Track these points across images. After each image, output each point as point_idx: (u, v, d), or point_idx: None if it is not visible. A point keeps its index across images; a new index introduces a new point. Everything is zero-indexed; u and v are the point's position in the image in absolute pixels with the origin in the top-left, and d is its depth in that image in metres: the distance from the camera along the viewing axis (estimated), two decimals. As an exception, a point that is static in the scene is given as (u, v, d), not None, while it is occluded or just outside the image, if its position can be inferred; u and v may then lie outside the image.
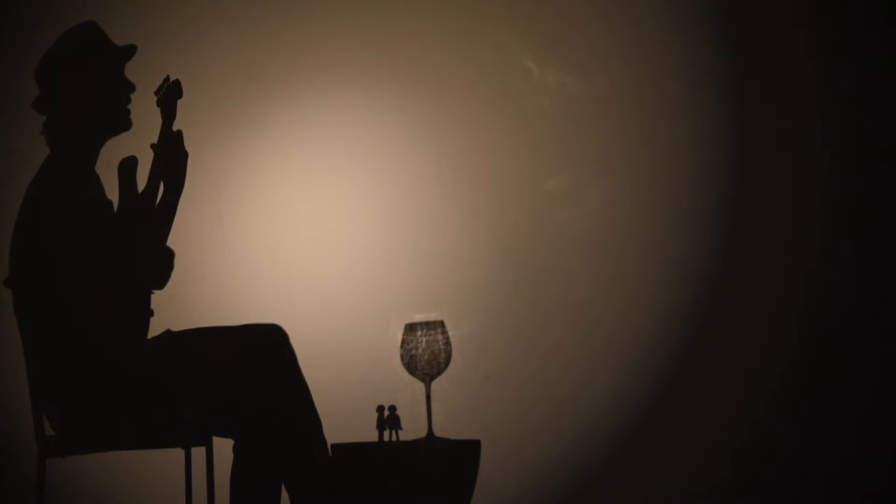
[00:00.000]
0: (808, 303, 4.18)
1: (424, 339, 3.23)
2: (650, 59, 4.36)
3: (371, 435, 3.21)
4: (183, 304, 3.31)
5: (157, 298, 2.96)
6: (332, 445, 2.95)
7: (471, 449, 3.17)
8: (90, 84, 2.91)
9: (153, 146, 3.00)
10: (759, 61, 4.32)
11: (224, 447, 2.88)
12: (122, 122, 2.96)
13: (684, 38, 4.35)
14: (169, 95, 3.01)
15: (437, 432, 3.18)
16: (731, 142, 4.32)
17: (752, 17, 4.32)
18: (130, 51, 2.99)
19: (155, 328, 2.92)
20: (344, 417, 3.20)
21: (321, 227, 4.39)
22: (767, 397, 4.13)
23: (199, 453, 2.90)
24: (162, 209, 2.97)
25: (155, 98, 3.04)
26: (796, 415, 4.11)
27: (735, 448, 4.11)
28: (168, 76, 3.02)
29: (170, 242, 2.98)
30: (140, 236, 2.91)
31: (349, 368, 4.15)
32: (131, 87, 2.98)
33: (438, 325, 3.25)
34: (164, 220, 2.97)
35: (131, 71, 3.00)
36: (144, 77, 3.03)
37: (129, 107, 2.97)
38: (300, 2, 4.46)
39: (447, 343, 3.25)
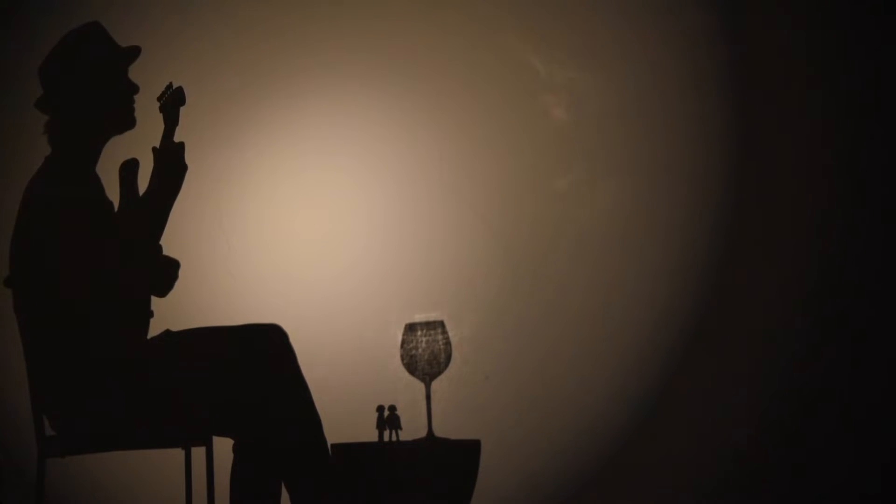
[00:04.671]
0: (809, 303, 4.18)
1: (424, 339, 3.23)
2: (652, 60, 4.36)
3: (371, 435, 3.21)
4: (183, 304, 3.30)
5: (157, 298, 2.96)
6: (332, 445, 2.95)
7: (471, 449, 3.17)
8: (93, 85, 2.91)
9: (154, 150, 2.99)
10: (759, 60, 4.32)
11: (224, 447, 2.88)
12: (124, 123, 2.96)
13: (685, 39, 4.35)
14: (171, 102, 3.00)
15: (437, 432, 3.18)
16: (732, 142, 4.32)
17: (753, 16, 4.32)
18: (134, 52, 2.98)
19: (155, 328, 2.92)
20: (344, 417, 3.20)
21: (321, 227, 4.39)
22: (768, 397, 4.13)
23: (199, 453, 2.90)
24: (155, 216, 2.95)
25: (158, 104, 3.02)
26: (797, 415, 4.11)
27: (735, 448, 4.11)
28: (171, 83, 3.01)
29: (170, 242, 2.98)
30: (140, 238, 2.91)
31: (349, 368, 4.15)
32: (135, 89, 2.97)
33: (438, 325, 3.25)
34: (157, 226, 2.95)
35: (132, 70, 2.99)
36: (144, 77, 3.03)
37: (133, 107, 2.96)
38: (300, 2, 4.46)
39: (447, 343, 3.24)
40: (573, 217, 4.36)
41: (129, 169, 2.96)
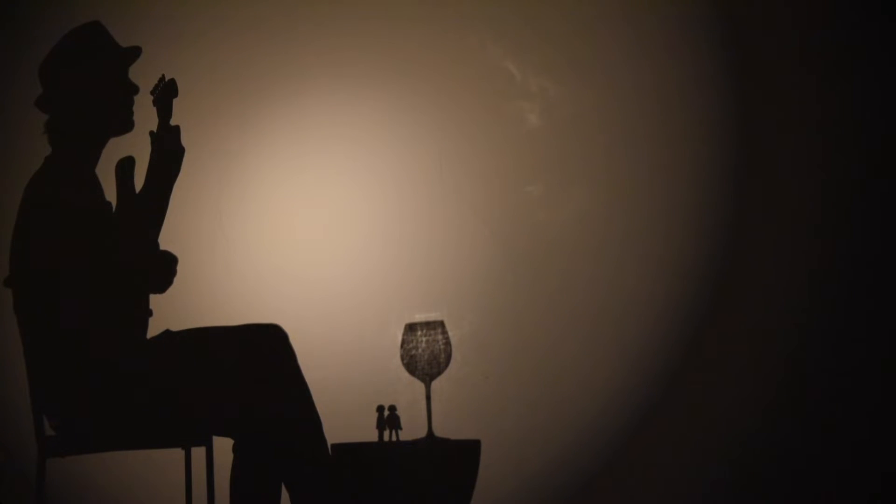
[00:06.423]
0: (808, 303, 4.18)
1: (424, 339, 3.23)
2: (659, 59, 4.36)
3: (371, 435, 3.21)
4: (183, 304, 3.30)
5: (157, 298, 2.96)
6: (332, 445, 2.95)
7: (471, 449, 3.17)
8: (93, 84, 2.91)
9: (152, 133, 2.99)
10: (754, 61, 4.32)
11: (224, 447, 2.88)
12: (123, 124, 2.96)
13: (683, 41, 4.36)
14: (164, 95, 3.00)
15: (437, 432, 3.18)
16: (729, 142, 4.32)
17: (747, 17, 4.33)
18: (135, 52, 2.98)
19: (155, 328, 2.92)
20: (344, 417, 3.20)
21: (321, 227, 4.39)
22: (767, 397, 4.13)
23: (199, 453, 2.90)
24: (155, 201, 2.95)
25: (151, 98, 3.02)
26: (796, 415, 4.11)
27: (735, 448, 4.11)
28: (163, 75, 3.01)
29: (169, 242, 2.98)
30: (138, 238, 2.90)
31: (349, 368, 4.15)
32: (134, 89, 2.97)
33: (438, 325, 3.25)
34: (158, 212, 2.96)
35: (132, 70, 2.99)
36: (144, 77, 3.03)
37: (133, 108, 2.96)
38: (299, 3, 4.46)
39: (447, 343, 3.24)
40: (574, 217, 4.36)
41: (125, 167, 2.96)
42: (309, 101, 4.44)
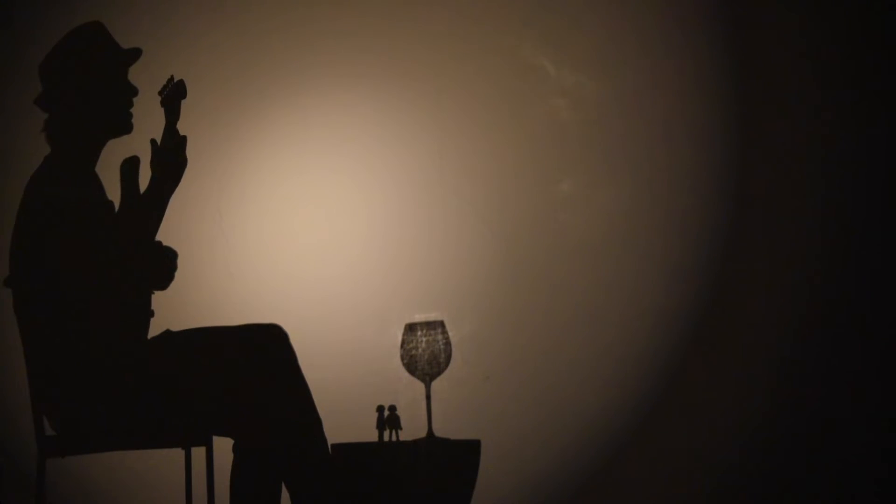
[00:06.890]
0: (809, 304, 4.18)
1: (424, 339, 3.23)
2: (654, 63, 4.35)
3: (371, 435, 3.21)
4: (183, 304, 3.30)
5: (157, 298, 2.96)
6: (332, 445, 2.95)
7: (471, 449, 3.17)
8: (93, 85, 2.91)
9: (153, 142, 2.99)
10: (761, 64, 4.32)
11: (224, 447, 2.88)
12: (122, 125, 2.96)
13: (688, 42, 4.36)
14: (172, 96, 3.00)
15: (437, 432, 3.18)
16: (732, 145, 4.32)
17: (756, 19, 4.32)
18: (135, 54, 2.98)
19: (155, 328, 2.92)
20: (344, 417, 3.20)
21: (321, 228, 4.39)
22: (768, 398, 4.13)
23: (199, 453, 2.90)
24: (154, 207, 2.96)
25: (158, 98, 3.02)
26: (797, 415, 4.11)
27: (735, 448, 4.11)
28: (172, 76, 3.01)
29: (169, 242, 2.98)
30: (141, 237, 2.91)
31: (349, 368, 4.15)
32: (134, 91, 2.97)
33: (438, 325, 3.25)
34: (157, 217, 2.96)
35: (132, 69, 2.99)
36: (144, 77, 3.03)
37: (131, 110, 2.96)
38: (300, 2, 4.46)
39: (447, 343, 3.25)
40: (574, 217, 4.36)
41: (129, 166, 2.96)
42: (309, 102, 4.44)
